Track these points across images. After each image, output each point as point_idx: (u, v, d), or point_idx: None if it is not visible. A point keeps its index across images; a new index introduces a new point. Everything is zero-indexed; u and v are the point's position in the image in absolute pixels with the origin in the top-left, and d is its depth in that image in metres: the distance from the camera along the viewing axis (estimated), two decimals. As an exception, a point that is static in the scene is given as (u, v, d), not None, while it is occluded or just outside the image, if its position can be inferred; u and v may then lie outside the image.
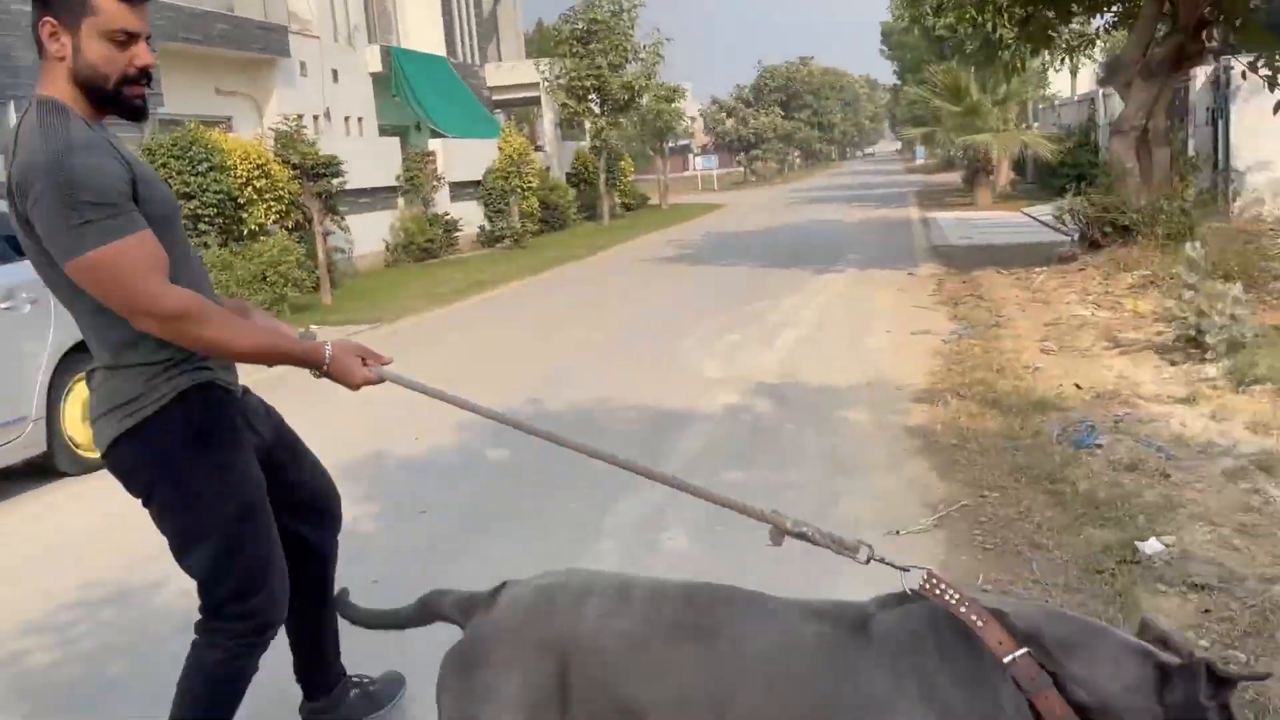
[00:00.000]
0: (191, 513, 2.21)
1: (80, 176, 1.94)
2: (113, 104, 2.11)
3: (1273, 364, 5.61)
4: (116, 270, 1.97)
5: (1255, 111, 12.19)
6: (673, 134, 34.60)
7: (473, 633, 1.80)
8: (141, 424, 2.13)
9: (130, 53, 2.07)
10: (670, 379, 7.12)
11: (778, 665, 1.63)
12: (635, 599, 1.74)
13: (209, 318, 2.05)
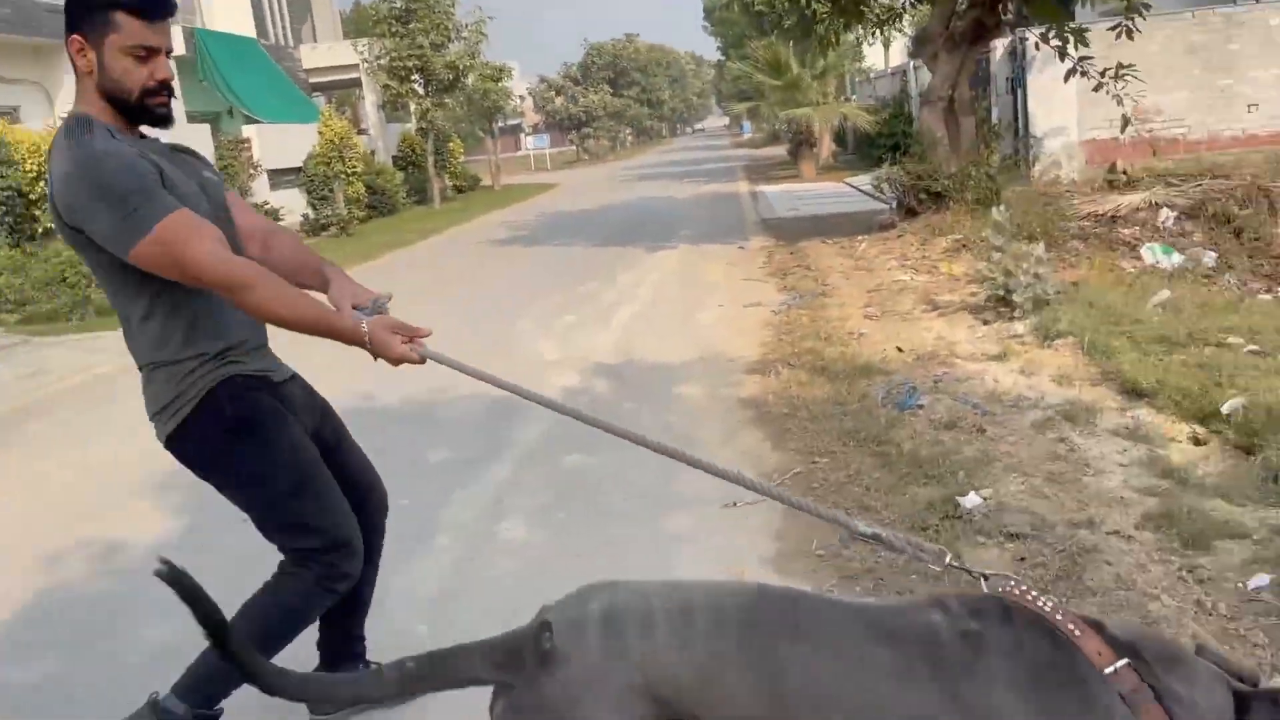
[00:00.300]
0: (251, 493, 2.41)
1: (114, 174, 2.08)
2: (138, 115, 2.24)
3: (1073, 319, 5.97)
4: (174, 244, 2.08)
5: (1049, 80, 12.94)
6: (502, 114, 34.11)
7: (547, 691, 1.53)
8: (182, 425, 2.30)
9: (150, 67, 2.19)
10: (507, 363, 6.99)
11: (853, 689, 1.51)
12: (697, 624, 1.57)
13: (265, 286, 2.12)
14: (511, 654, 1.57)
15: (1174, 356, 5.14)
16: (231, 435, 2.34)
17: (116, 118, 2.21)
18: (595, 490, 4.45)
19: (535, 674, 1.54)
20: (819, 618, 1.58)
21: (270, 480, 2.39)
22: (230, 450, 2.36)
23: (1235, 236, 8.66)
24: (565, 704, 1.52)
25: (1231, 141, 13.13)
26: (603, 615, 1.58)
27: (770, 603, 1.62)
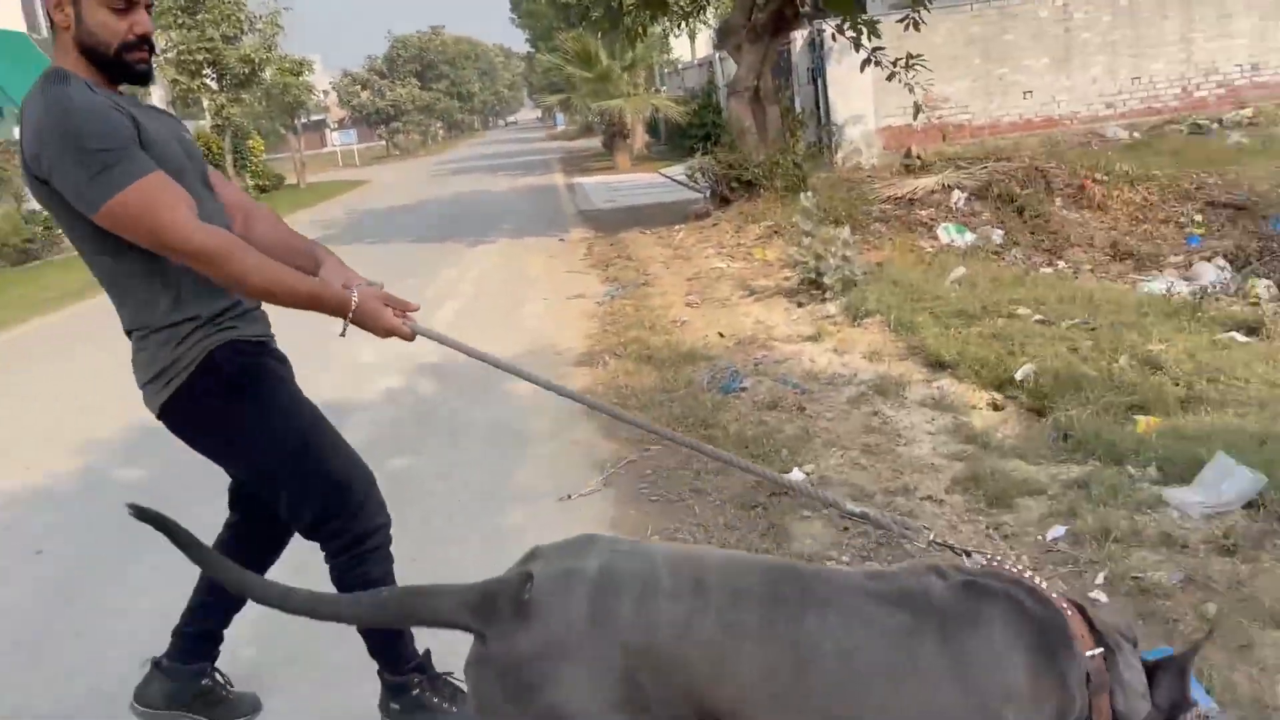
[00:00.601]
0: (252, 457, 2.31)
1: (87, 128, 1.97)
2: (116, 70, 2.12)
3: (880, 298, 6.28)
4: (143, 208, 1.98)
5: (847, 71, 13.52)
6: (305, 109, 32.84)
7: (518, 645, 1.46)
8: (178, 392, 2.19)
9: (130, 20, 2.10)
10: (326, 369, 6.73)
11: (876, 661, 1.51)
12: (711, 601, 1.50)
13: (239, 254, 2.03)
14: (488, 600, 1.50)
15: (971, 329, 5.49)
16: (229, 399, 2.23)
17: (95, 73, 2.11)
18: (425, 491, 4.36)
19: (509, 626, 1.46)
20: (834, 589, 1.58)
21: (271, 442, 2.28)
22: (231, 412, 2.24)
23: (1018, 215, 9.33)
24: (535, 663, 1.45)
25: (1010, 127, 14.11)
26: (597, 576, 1.50)
27: (783, 575, 1.59)
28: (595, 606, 1.47)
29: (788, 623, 1.51)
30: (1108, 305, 5.75)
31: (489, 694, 1.49)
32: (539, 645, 1.45)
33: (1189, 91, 14.04)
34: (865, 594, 1.57)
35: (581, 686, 1.45)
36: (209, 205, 2.21)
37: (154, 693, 2.64)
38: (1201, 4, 13.88)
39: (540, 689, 1.44)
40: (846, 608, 1.54)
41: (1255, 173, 10.80)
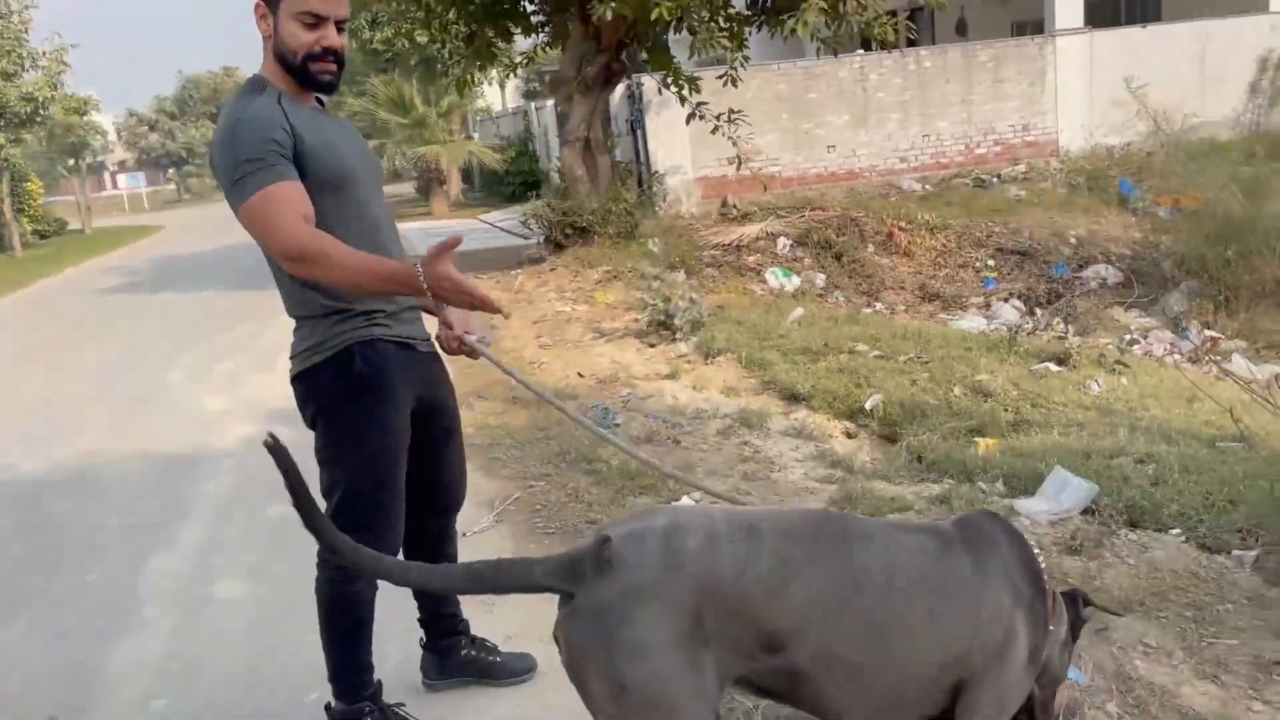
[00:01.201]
0: (331, 449, 2.45)
1: (241, 138, 2.21)
2: (303, 78, 2.32)
3: (729, 337, 6.65)
4: (262, 215, 2.19)
5: (665, 122, 14.15)
6: (90, 150, 30.89)
7: (603, 595, 1.64)
8: (309, 370, 2.41)
9: (317, 33, 2.29)
10: (169, 419, 6.49)
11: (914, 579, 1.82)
12: (765, 543, 1.73)
13: (326, 260, 2.17)
14: (572, 565, 1.69)
15: (819, 364, 5.91)
16: (343, 395, 2.41)
17: (288, 81, 2.33)
18: (309, 538, 4.28)
19: (595, 580, 1.65)
20: (868, 525, 1.92)
21: (351, 448, 2.43)
22: (337, 407, 2.42)
23: (837, 260, 10.03)
24: (619, 607, 1.64)
25: (816, 178, 15.06)
26: (665, 529, 1.72)
27: (824, 522, 1.89)
28: (666, 554, 1.69)
29: (835, 553, 1.81)
30: (935, 341, 6.32)
31: (579, 641, 1.68)
32: (621, 592, 1.66)
33: (971, 148, 15.44)
34: (894, 528, 1.97)
35: (657, 623, 1.66)
36: (377, 210, 2.47)
37: (428, 667, 2.93)
38: (979, 71, 15.34)
39: (624, 628, 1.65)
40: (884, 538, 1.88)
41: (1033, 221, 12.05)
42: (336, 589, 2.53)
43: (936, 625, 1.84)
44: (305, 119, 2.32)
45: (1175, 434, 4.50)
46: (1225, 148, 10.82)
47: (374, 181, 2.50)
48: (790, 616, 1.74)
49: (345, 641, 2.57)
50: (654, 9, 9.11)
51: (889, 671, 1.83)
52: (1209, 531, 3.48)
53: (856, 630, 1.78)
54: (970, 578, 1.88)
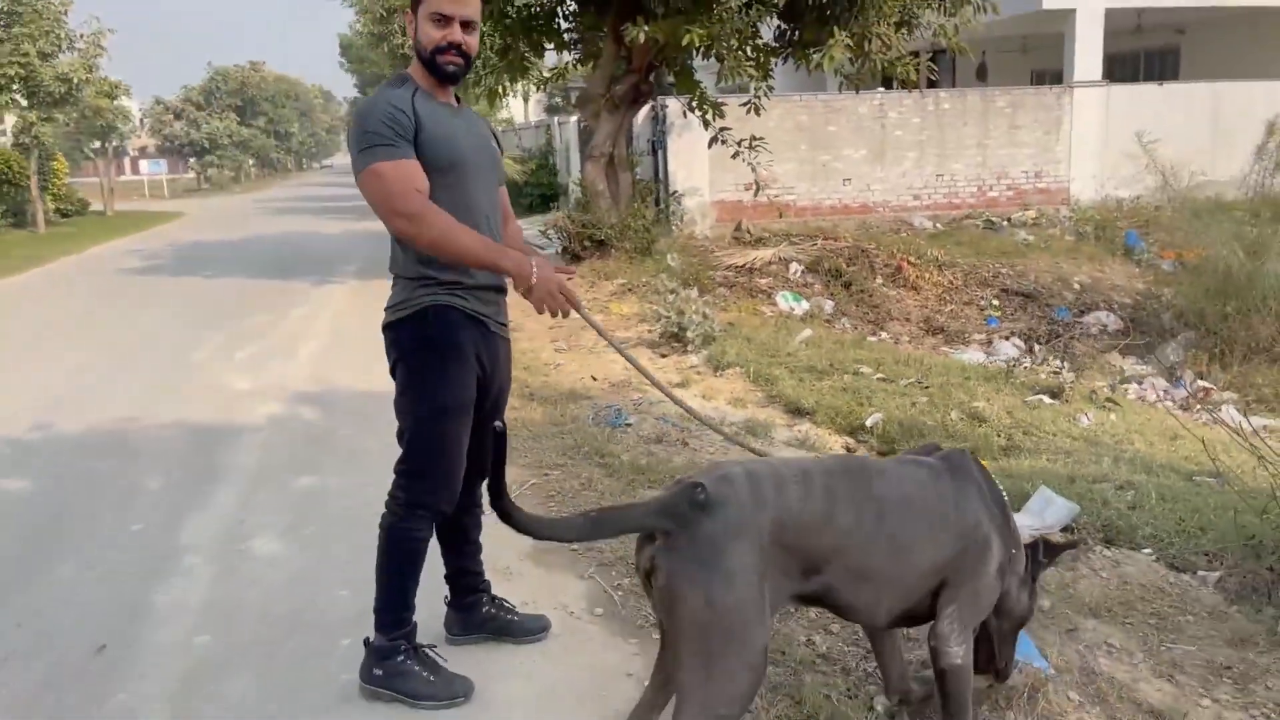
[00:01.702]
0: (406, 396, 2.81)
1: (375, 117, 2.62)
2: (433, 68, 2.72)
3: (738, 352, 6.93)
4: (381, 181, 2.61)
5: (686, 144, 14.50)
6: (118, 134, 31.31)
7: (705, 531, 2.03)
8: (395, 322, 2.80)
9: (445, 31, 2.69)
10: (198, 394, 6.77)
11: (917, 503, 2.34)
12: (815, 482, 2.22)
13: (434, 225, 2.60)
14: (670, 506, 2.07)
15: (823, 382, 6.19)
16: (421, 348, 2.76)
17: (427, 78, 2.74)
18: (337, 506, 4.56)
19: (695, 518, 2.04)
20: (880, 464, 2.47)
21: (423, 395, 2.78)
22: (415, 357, 2.77)
23: (846, 289, 10.32)
24: (720, 540, 2.03)
25: (830, 209, 15.38)
26: (746, 475, 2.15)
27: (849, 463, 2.56)
28: (754, 496, 2.10)
29: (864, 487, 2.30)
30: (936, 369, 6.60)
31: (680, 569, 2.04)
32: (721, 528, 2.05)
33: (983, 191, 15.77)
34: (896, 463, 2.49)
35: (747, 554, 2.06)
36: (483, 198, 2.83)
37: (451, 623, 3.22)
38: (996, 116, 15.70)
39: (723, 558, 2.04)
40: (894, 473, 2.40)
41: (1039, 266, 12.35)
42: (399, 528, 2.85)
43: (932, 538, 2.33)
44: (432, 111, 2.70)
45: (1156, 466, 4.77)
46: (1230, 207, 11.12)
47: (487, 173, 2.87)
48: (833, 542, 2.20)
49: (397, 575, 2.86)
50: (686, 35, 9.45)
51: (900, 577, 2.32)
52: (1178, 553, 3.75)
53: (880, 547, 2.26)
54: (954, 500, 2.38)
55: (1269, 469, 3.75)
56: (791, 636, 3.14)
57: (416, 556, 2.87)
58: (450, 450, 2.83)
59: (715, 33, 9.50)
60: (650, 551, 2.10)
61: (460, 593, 3.22)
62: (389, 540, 2.87)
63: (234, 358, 7.95)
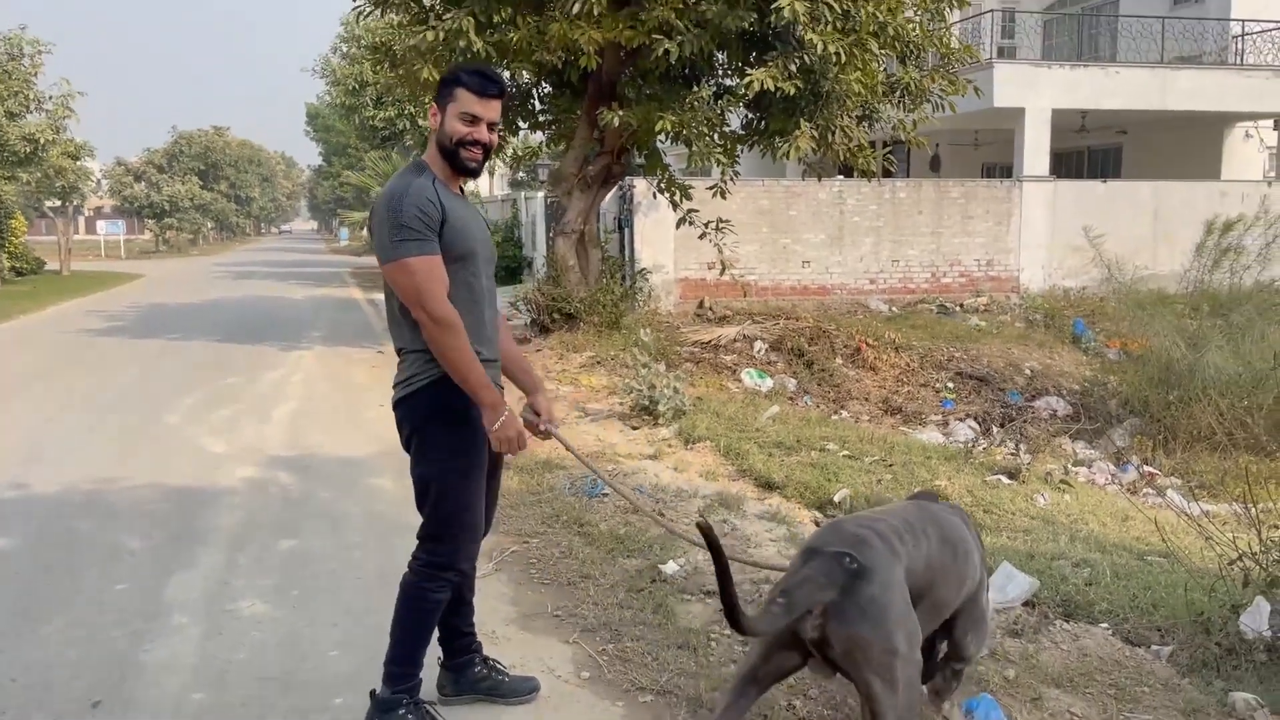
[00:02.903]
0: (423, 466, 2.94)
1: (405, 209, 2.78)
2: (454, 160, 2.91)
3: (709, 426, 7.12)
4: (413, 274, 2.77)
5: (652, 223, 14.90)
6: (79, 194, 31.20)
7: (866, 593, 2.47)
8: (409, 395, 2.91)
9: (472, 128, 2.89)
10: (174, 455, 6.80)
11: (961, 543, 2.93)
12: (916, 531, 2.76)
13: (456, 337, 2.79)
14: (831, 578, 2.48)
15: (792, 458, 6.39)
16: (436, 418, 2.90)
17: (443, 165, 2.93)
18: (322, 570, 4.64)
19: (854, 585, 2.48)
20: (934, 510, 3.01)
21: (441, 464, 2.91)
22: (430, 428, 2.91)
23: (807, 368, 10.61)
24: (881, 597, 2.48)
25: (790, 290, 15.80)
26: (878, 536, 2.61)
27: (920, 510, 2.96)
28: (890, 553, 2.59)
29: (939, 533, 2.85)
30: (899, 448, 6.84)
31: (857, 625, 2.46)
32: (881, 586, 2.52)
33: (937, 277, 16.31)
34: (937, 509, 3.05)
35: (901, 601, 2.56)
36: (486, 282, 3.01)
37: (445, 682, 3.30)
38: (949, 206, 16.32)
39: (887, 611, 2.50)
40: (947, 518, 2.99)
41: (991, 351, 12.77)
42: (420, 588, 2.99)
43: (965, 569, 2.91)
44: (450, 200, 2.88)
45: (1110, 545, 5.01)
46: (1172, 300, 11.64)
47: (488, 258, 3.05)
48: (929, 579, 2.73)
49: (413, 633, 3.00)
50: (658, 121, 9.83)
51: (953, 603, 2.87)
52: (1133, 628, 3.97)
53: (951, 581, 2.82)
54: (970, 540, 3.00)
55: (1216, 549, 4.00)
56: (773, 700, 3.28)
57: (433, 616, 3.01)
58: (472, 512, 2.98)
59: (686, 120, 9.90)
60: (815, 621, 2.49)
61: (453, 653, 3.33)
62: (409, 599, 3.00)
63: (207, 420, 7.98)
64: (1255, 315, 10.23)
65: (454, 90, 2.91)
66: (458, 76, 2.94)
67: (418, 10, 10.43)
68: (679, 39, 9.39)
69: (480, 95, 2.91)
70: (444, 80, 2.99)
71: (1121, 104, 17.28)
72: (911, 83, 10.88)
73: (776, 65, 9.47)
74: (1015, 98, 16.61)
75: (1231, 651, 3.72)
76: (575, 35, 9.39)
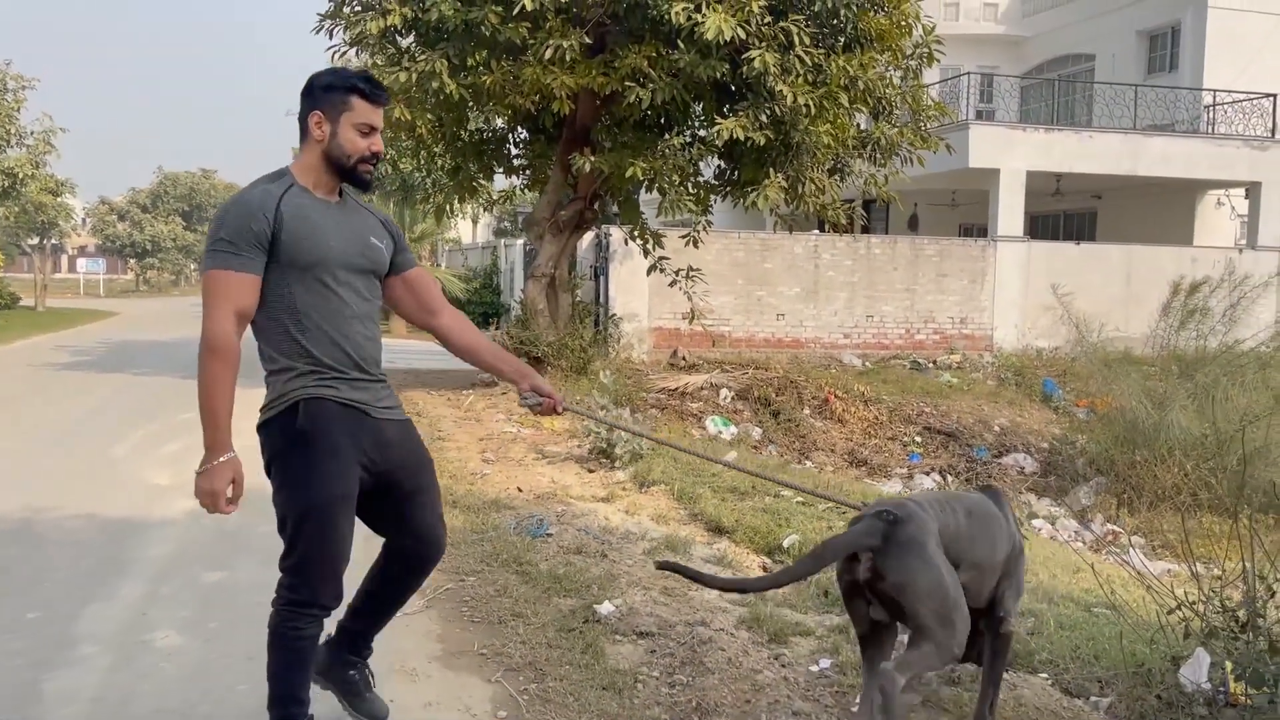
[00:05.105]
0: (281, 494, 2.76)
1: (227, 221, 2.61)
2: (349, 176, 2.73)
3: (664, 470, 7.02)
4: (209, 288, 2.61)
5: (628, 271, 14.90)
6: (58, 231, 31.13)
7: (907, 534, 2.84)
8: (267, 420, 2.75)
9: (369, 140, 2.71)
10: (114, 487, 6.65)
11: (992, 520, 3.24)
12: (949, 507, 3.10)
13: (214, 360, 2.61)
14: (872, 529, 2.86)
15: (745, 503, 6.29)
16: (292, 444, 2.72)
17: (322, 177, 2.73)
18: (246, 601, 4.48)
19: (893, 531, 2.84)
20: (963, 494, 3.44)
21: (297, 493, 2.72)
22: (286, 454, 2.73)
23: (774, 417, 10.55)
24: (918, 537, 2.85)
25: (764, 342, 15.80)
26: (914, 502, 3.02)
27: (961, 496, 3.33)
28: (923, 513, 2.93)
29: (962, 505, 3.17)
30: (857, 494, 6.75)
31: (902, 562, 2.83)
32: (915, 530, 2.87)
33: (911, 333, 16.35)
34: (970, 493, 3.48)
35: (936, 546, 2.90)
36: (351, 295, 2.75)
37: (321, 660, 3.06)
38: (924, 263, 16.42)
39: (925, 548, 2.86)
40: (969, 496, 3.35)
41: (961, 407, 12.76)
42: (285, 626, 2.79)
43: (996, 535, 3.22)
44: (299, 208, 2.66)
45: (1058, 597, 4.92)
46: (1139, 361, 11.68)
47: (358, 269, 2.77)
48: (965, 545, 3.05)
49: (284, 673, 2.81)
50: (630, 168, 9.87)
51: (994, 568, 3.18)
52: (1073, 678, 3.86)
53: (984, 549, 3.14)
54: (1000, 514, 3.29)
55: (1156, 599, 3.91)
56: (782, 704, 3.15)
57: (303, 654, 2.82)
58: (329, 546, 2.76)
59: (658, 167, 9.94)
60: (866, 564, 2.87)
61: (340, 645, 3.14)
62: (275, 639, 2.81)
63: (156, 453, 7.83)
64: (1220, 376, 10.26)
65: (348, 98, 2.68)
66: (350, 83, 2.71)
67: (393, 52, 10.47)
68: (651, 87, 9.47)
69: (375, 104, 2.72)
70: (326, 86, 2.71)
71: (1095, 168, 17.51)
72: (883, 137, 10.99)
73: (747, 115, 9.55)
74: (990, 159, 16.82)
75: (1170, 705, 3.61)
76: (549, 80, 9.46)
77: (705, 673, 3.73)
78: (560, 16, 9.38)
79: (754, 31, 9.11)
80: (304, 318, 2.68)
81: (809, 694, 3.64)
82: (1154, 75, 21.29)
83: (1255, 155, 17.94)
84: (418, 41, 10.45)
